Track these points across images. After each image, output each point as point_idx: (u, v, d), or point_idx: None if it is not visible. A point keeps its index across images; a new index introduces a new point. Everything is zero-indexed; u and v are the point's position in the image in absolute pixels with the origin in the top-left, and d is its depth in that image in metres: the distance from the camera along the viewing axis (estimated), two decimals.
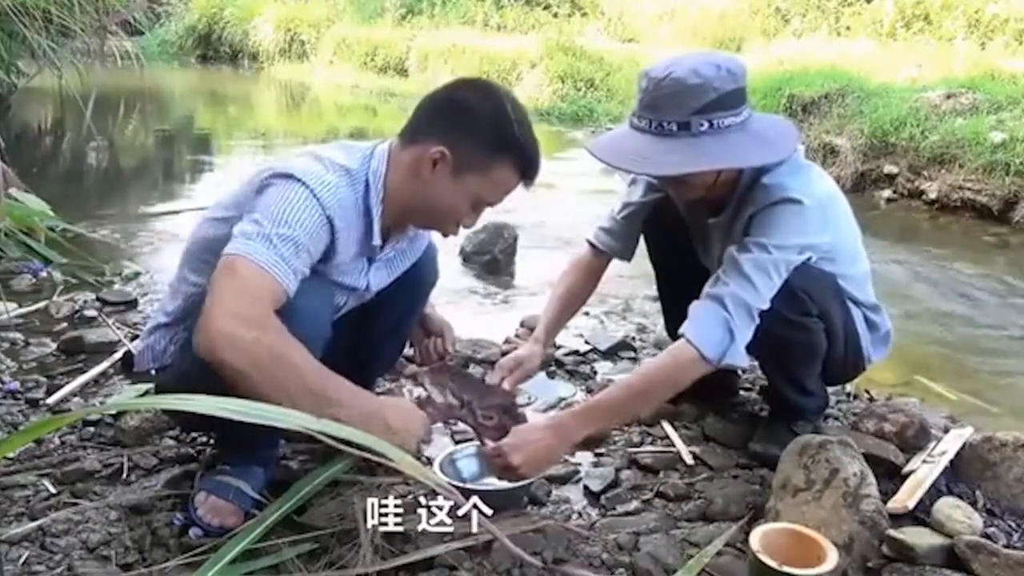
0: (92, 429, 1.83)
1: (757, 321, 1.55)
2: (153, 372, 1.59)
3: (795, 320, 1.65)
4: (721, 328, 1.53)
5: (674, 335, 2.29)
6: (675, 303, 2.10)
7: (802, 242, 1.59)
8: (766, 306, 1.55)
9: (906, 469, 1.68)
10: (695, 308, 1.58)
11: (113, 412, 1.88)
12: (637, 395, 1.60)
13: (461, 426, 2.01)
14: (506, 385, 1.75)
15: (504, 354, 2.38)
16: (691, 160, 1.52)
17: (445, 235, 1.55)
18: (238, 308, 1.26)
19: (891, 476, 1.67)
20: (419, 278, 1.72)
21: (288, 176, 1.39)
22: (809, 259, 1.63)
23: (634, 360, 2.46)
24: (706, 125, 1.51)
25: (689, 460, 1.83)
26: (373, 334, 1.72)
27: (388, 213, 1.50)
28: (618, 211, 1.95)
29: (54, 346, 2.31)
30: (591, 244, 1.97)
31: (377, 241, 1.50)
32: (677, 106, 1.51)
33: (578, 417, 1.57)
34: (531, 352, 1.85)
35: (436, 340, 1.82)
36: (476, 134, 1.42)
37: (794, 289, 1.61)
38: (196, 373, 1.46)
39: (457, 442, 1.90)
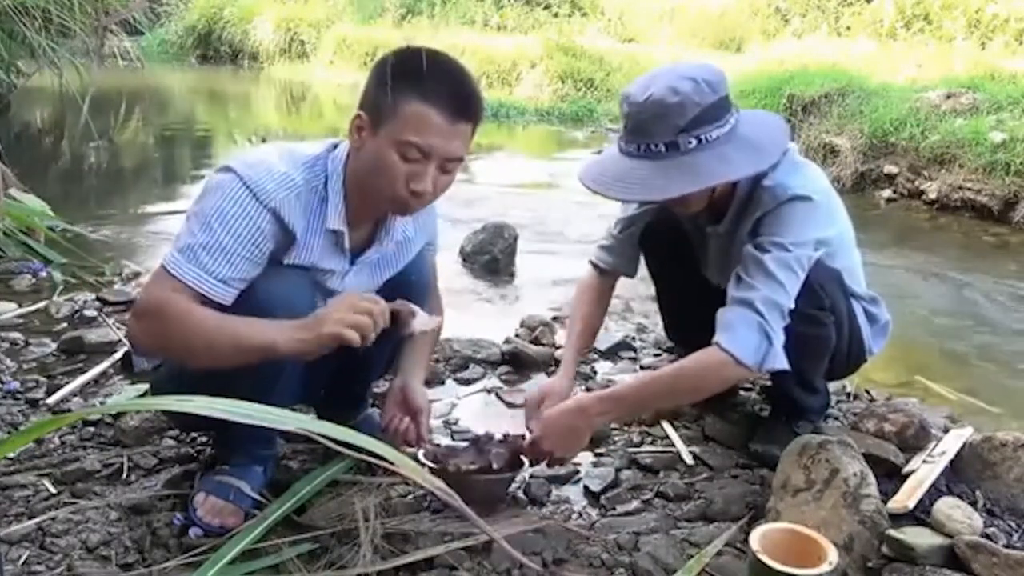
0: (92, 429, 1.83)
1: (788, 320, 1.53)
2: (150, 371, 1.59)
3: (811, 314, 1.64)
4: (757, 333, 1.51)
5: (677, 343, 2.31)
6: (675, 314, 2.10)
7: (816, 236, 1.59)
8: (793, 304, 1.54)
9: (906, 469, 1.68)
10: (725, 315, 1.55)
11: (113, 412, 1.87)
12: (662, 392, 1.61)
13: (461, 425, 2.01)
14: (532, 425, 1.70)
15: (504, 354, 2.40)
16: (683, 181, 1.51)
17: (405, 204, 1.41)
18: (139, 312, 1.36)
19: (891, 476, 1.67)
20: (410, 284, 1.62)
21: (229, 170, 1.38)
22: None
23: (634, 360, 2.46)
24: (694, 142, 1.49)
25: (689, 460, 1.83)
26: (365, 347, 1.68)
27: (353, 200, 1.47)
28: (615, 228, 1.94)
29: (54, 346, 2.31)
30: (594, 265, 1.96)
31: (334, 225, 1.45)
32: (662, 127, 1.49)
33: (603, 402, 1.58)
34: (561, 387, 1.79)
35: (409, 425, 1.64)
36: (381, 86, 1.39)
37: (811, 283, 1.60)
38: (186, 371, 1.47)
39: (453, 435, 1.90)
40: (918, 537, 1.41)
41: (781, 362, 1.53)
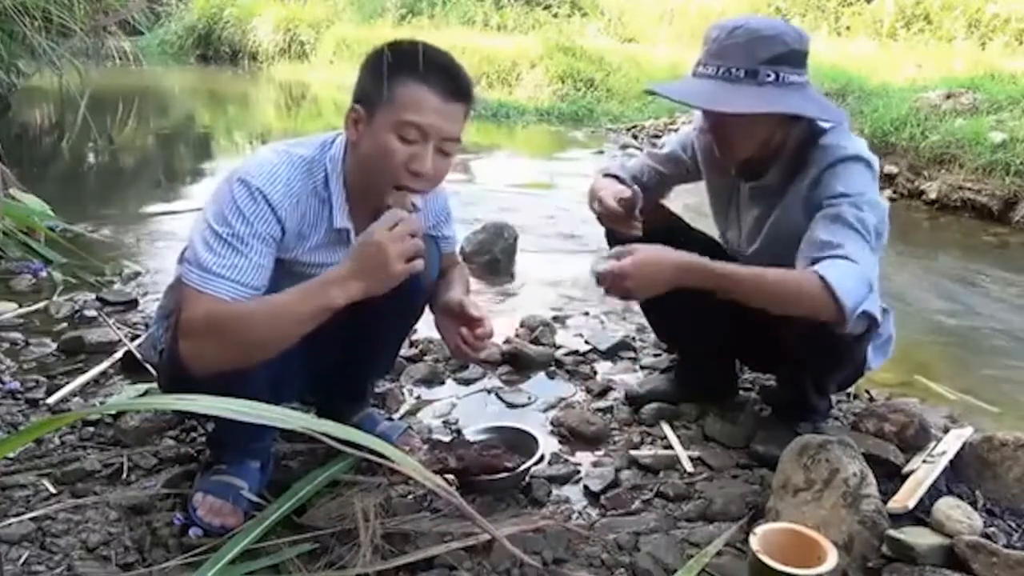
0: (92, 429, 1.83)
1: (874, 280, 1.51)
2: (157, 357, 1.59)
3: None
4: (856, 278, 1.47)
5: (667, 343, 2.29)
6: (662, 314, 2.07)
7: (883, 203, 1.59)
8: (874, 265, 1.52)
9: (906, 469, 1.68)
10: (821, 263, 1.48)
11: (113, 412, 1.88)
12: (750, 285, 1.53)
13: (461, 425, 2.01)
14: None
15: (504, 354, 2.39)
16: (756, 102, 1.54)
17: (406, 188, 1.42)
18: (191, 331, 1.36)
19: (891, 476, 1.67)
20: (415, 278, 1.61)
21: (240, 181, 1.40)
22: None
23: (634, 360, 2.46)
24: (772, 76, 1.54)
25: (689, 468, 1.82)
26: (369, 337, 1.67)
27: (355, 195, 1.49)
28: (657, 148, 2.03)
29: (54, 346, 2.31)
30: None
31: (341, 224, 1.48)
32: (747, 54, 1.54)
33: (696, 268, 1.55)
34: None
35: (469, 334, 1.59)
36: (370, 77, 1.43)
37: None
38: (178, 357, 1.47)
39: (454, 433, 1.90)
40: (918, 537, 1.41)
41: (874, 307, 1.51)
